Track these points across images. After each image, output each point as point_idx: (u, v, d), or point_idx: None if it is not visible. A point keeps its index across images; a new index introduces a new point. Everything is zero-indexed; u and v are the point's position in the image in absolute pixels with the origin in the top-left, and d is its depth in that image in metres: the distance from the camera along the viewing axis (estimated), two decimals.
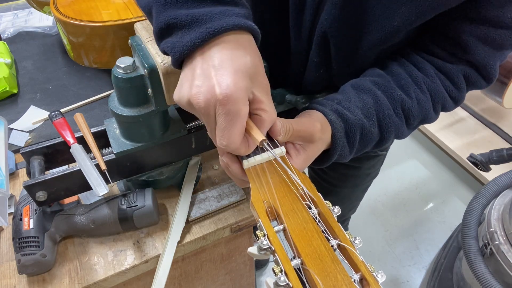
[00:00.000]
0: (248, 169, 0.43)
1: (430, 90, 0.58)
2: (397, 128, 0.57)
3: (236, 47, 0.40)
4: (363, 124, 0.53)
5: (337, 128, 0.51)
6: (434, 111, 0.59)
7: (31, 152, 0.59)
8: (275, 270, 0.33)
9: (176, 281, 0.74)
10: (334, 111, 0.52)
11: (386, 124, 0.55)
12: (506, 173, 1.06)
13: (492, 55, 0.56)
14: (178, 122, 0.63)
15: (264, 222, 0.36)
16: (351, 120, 0.52)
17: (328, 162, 0.53)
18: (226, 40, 0.40)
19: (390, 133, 0.56)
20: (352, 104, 0.54)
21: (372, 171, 0.95)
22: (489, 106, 2.05)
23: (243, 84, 0.38)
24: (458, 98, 0.61)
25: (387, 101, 0.55)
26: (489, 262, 1.00)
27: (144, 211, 0.61)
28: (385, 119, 0.55)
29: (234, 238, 0.74)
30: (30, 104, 0.88)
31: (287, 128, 0.45)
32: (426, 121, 0.61)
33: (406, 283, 1.59)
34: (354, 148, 0.54)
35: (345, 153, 0.53)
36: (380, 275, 0.32)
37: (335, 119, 0.51)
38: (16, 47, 1.04)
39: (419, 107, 0.57)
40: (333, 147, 0.51)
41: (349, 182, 0.96)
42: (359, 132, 0.53)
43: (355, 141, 0.53)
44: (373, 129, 0.54)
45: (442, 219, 1.82)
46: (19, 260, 0.56)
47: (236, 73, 0.38)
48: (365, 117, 0.54)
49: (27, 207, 0.60)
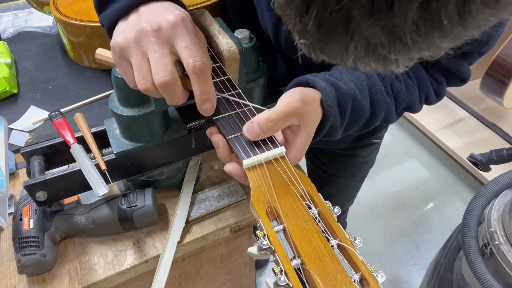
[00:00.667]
0: (248, 169, 0.43)
1: (416, 77, 0.59)
2: (388, 107, 0.57)
3: (164, 3, 0.46)
4: (356, 95, 0.53)
5: (328, 96, 0.50)
6: (419, 100, 0.60)
7: (31, 152, 0.59)
8: (275, 270, 0.33)
9: (176, 281, 0.74)
10: (326, 80, 0.52)
11: (378, 100, 0.55)
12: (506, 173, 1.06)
13: (459, 63, 0.59)
14: (178, 122, 0.63)
15: (264, 222, 0.36)
16: (343, 89, 0.52)
17: (320, 134, 0.52)
18: (150, 2, 0.46)
19: (381, 110, 0.56)
20: (345, 76, 0.54)
21: (369, 159, 0.95)
22: (489, 106, 2.05)
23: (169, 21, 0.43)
24: (439, 91, 0.62)
25: (378, 79, 0.56)
26: (489, 262, 1.00)
27: (144, 211, 0.61)
28: (377, 94, 0.55)
29: (234, 238, 0.74)
30: (30, 104, 0.88)
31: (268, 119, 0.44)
32: (411, 108, 0.61)
33: (406, 283, 1.59)
34: (345, 120, 0.53)
35: (336, 124, 0.52)
36: (380, 275, 0.32)
37: (326, 86, 0.50)
38: (16, 47, 1.04)
39: (407, 91, 0.58)
40: (325, 115, 0.50)
41: (347, 171, 0.97)
42: (351, 103, 0.53)
43: (347, 112, 0.53)
44: (365, 102, 0.54)
45: (442, 219, 1.82)
46: (19, 260, 0.56)
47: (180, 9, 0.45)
48: (358, 89, 0.54)
49: (27, 207, 0.60)
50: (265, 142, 0.44)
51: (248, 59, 0.58)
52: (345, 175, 0.99)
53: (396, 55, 0.30)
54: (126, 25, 0.45)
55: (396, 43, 0.28)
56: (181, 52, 0.43)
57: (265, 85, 0.65)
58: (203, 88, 0.44)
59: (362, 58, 0.31)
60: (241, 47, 0.55)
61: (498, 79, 1.60)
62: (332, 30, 0.28)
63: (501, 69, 1.57)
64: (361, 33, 0.28)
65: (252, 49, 0.58)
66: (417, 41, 0.28)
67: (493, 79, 1.62)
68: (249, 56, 0.58)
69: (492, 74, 1.61)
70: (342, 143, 0.85)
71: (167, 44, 0.43)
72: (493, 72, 1.60)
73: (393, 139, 2.18)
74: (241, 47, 0.55)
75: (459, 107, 2.09)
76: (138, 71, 0.44)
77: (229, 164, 0.45)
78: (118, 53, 0.44)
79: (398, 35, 0.27)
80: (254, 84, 0.63)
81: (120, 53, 0.44)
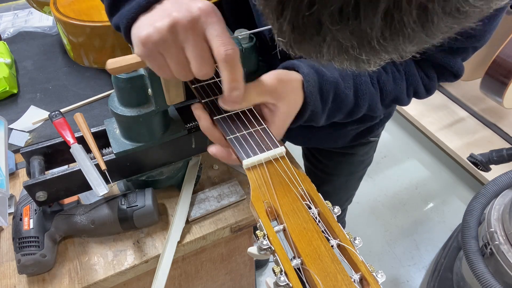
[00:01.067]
0: (248, 169, 0.43)
1: (405, 71, 0.59)
2: (372, 98, 0.57)
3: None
4: (338, 83, 0.54)
5: (310, 81, 0.51)
6: (407, 93, 0.61)
7: (31, 152, 0.59)
8: (275, 270, 0.33)
9: (176, 281, 0.74)
10: (310, 66, 0.53)
11: (362, 91, 0.56)
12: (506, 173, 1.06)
13: (452, 59, 0.59)
14: (178, 122, 0.63)
15: (264, 222, 0.36)
16: (326, 76, 0.53)
17: (302, 119, 0.53)
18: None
19: (365, 101, 0.57)
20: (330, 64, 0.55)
21: (366, 157, 0.96)
22: (489, 106, 2.05)
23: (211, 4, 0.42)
24: (429, 87, 0.62)
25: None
26: (489, 262, 1.00)
27: (144, 211, 0.61)
28: (362, 85, 0.56)
29: (234, 238, 0.74)
30: (30, 104, 0.88)
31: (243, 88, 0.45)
32: (398, 101, 0.61)
33: (406, 283, 1.59)
34: (326, 107, 0.54)
35: (317, 110, 0.53)
36: (380, 275, 0.32)
37: (309, 72, 0.52)
38: (16, 47, 1.04)
39: (394, 83, 0.58)
40: (306, 100, 0.51)
41: (344, 170, 0.98)
42: (333, 91, 0.54)
43: (328, 99, 0.54)
44: (348, 92, 0.55)
45: (442, 219, 1.82)
46: (19, 260, 0.56)
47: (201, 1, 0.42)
48: (342, 78, 0.55)
49: (27, 207, 0.60)
50: (265, 142, 0.45)
51: (248, 59, 0.58)
52: (343, 174, 0.99)
53: (366, 56, 0.32)
54: (151, 17, 0.42)
55: (365, 45, 0.30)
56: (213, 40, 0.42)
57: None
58: (234, 76, 0.43)
59: (336, 57, 0.32)
60: (241, 47, 0.55)
61: (498, 79, 1.60)
62: (305, 32, 0.30)
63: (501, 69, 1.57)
64: (333, 36, 0.30)
65: (252, 49, 0.58)
66: (383, 45, 0.30)
67: (493, 79, 1.62)
68: (249, 56, 0.58)
69: (492, 74, 1.61)
70: (340, 142, 0.85)
71: (202, 34, 0.42)
72: (493, 72, 1.60)
73: (393, 139, 2.18)
74: (241, 47, 0.56)
75: (459, 107, 2.09)
76: (178, 64, 0.42)
77: (212, 146, 0.47)
78: (151, 47, 0.41)
79: (366, 39, 0.29)
80: None
81: (154, 47, 0.41)
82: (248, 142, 0.44)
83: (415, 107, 2.09)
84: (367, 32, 0.28)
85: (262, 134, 0.45)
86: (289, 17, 0.29)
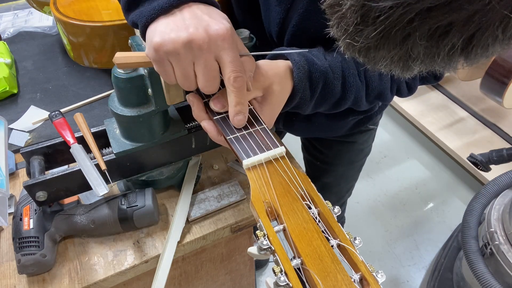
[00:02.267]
0: (248, 169, 0.43)
1: None
2: (358, 91, 0.59)
3: (206, 7, 0.45)
4: (328, 72, 0.55)
5: (300, 69, 0.52)
6: (390, 90, 0.62)
7: (31, 152, 0.59)
8: (275, 270, 0.33)
9: (176, 281, 0.74)
10: (302, 54, 0.54)
11: (350, 83, 0.57)
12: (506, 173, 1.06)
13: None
14: (178, 122, 0.63)
15: (264, 222, 0.36)
16: (317, 65, 0.54)
17: (289, 105, 0.54)
18: (192, 4, 0.45)
19: (351, 93, 0.58)
20: (321, 55, 0.56)
21: (365, 146, 0.97)
22: (489, 106, 2.05)
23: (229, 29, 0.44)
24: (411, 85, 0.64)
25: (353, 63, 0.57)
26: (489, 262, 1.00)
27: (144, 211, 0.61)
28: (349, 77, 0.57)
29: (234, 238, 0.74)
30: (30, 104, 0.88)
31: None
32: (382, 97, 0.63)
33: (406, 283, 1.59)
34: (315, 96, 0.55)
35: (306, 97, 0.54)
36: (380, 275, 0.33)
37: (300, 60, 0.53)
38: (16, 47, 1.04)
39: (379, 79, 0.60)
40: (295, 87, 0.52)
41: (344, 159, 0.99)
42: (322, 80, 0.55)
43: (317, 87, 0.55)
44: (336, 82, 0.56)
45: (442, 219, 1.82)
46: (19, 260, 0.56)
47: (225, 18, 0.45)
48: (331, 68, 0.56)
49: (27, 207, 0.60)
50: (265, 142, 0.45)
51: None
52: (343, 163, 1.00)
53: (417, 67, 0.33)
54: (169, 25, 0.43)
55: (428, 60, 0.32)
56: (225, 65, 0.44)
57: None
58: (239, 100, 0.45)
59: (394, 65, 0.34)
60: None
61: (498, 79, 1.60)
62: (391, 41, 0.32)
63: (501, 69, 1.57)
64: (413, 49, 0.31)
65: (252, 49, 0.58)
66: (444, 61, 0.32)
67: (493, 79, 1.62)
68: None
69: (492, 74, 1.61)
70: (340, 131, 0.86)
71: (213, 56, 0.43)
72: (493, 72, 1.60)
73: (393, 139, 2.18)
74: None
75: (459, 107, 2.09)
76: (184, 76, 0.45)
77: (205, 121, 0.48)
78: (162, 55, 0.43)
79: (434, 55, 0.31)
80: None
81: (165, 55, 0.43)
82: (248, 142, 0.44)
83: (415, 107, 2.09)
84: (440, 51, 0.31)
85: (262, 134, 0.45)
86: (384, 26, 0.30)
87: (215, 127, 0.47)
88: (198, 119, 0.50)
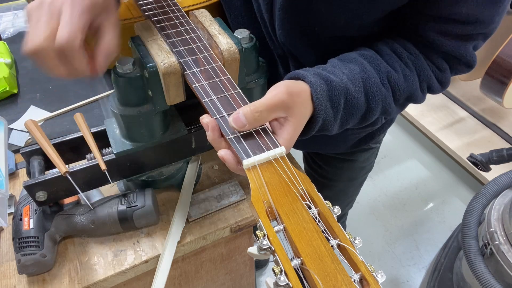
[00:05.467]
0: (248, 169, 0.43)
1: (416, 66, 0.57)
2: (384, 99, 0.55)
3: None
4: (348, 87, 0.52)
5: (318, 90, 0.49)
6: (420, 90, 0.59)
7: (31, 152, 0.59)
8: (275, 270, 0.33)
9: (176, 281, 0.74)
10: (317, 74, 0.51)
11: (373, 92, 0.54)
12: (506, 173, 1.06)
13: (462, 46, 0.56)
14: (178, 122, 0.63)
15: (264, 222, 0.36)
16: (334, 82, 0.51)
17: (313, 129, 0.51)
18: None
19: (377, 103, 0.55)
20: (338, 70, 0.53)
21: (367, 164, 0.94)
22: (489, 106, 2.05)
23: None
24: (442, 80, 0.60)
25: (373, 70, 0.55)
26: (489, 262, 1.00)
27: (144, 211, 0.61)
28: (372, 87, 0.54)
29: (234, 238, 0.74)
30: (30, 104, 0.88)
31: (254, 110, 0.44)
32: (413, 99, 0.60)
33: (406, 283, 1.59)
34: (338, 114, 0.52)
35: (329, 118, 0.51)
36: (380, 275, 0.32)
37: (316, 81, 0.50)
38: (16, 47, 1.04)
39: (405, 81, 0.56)
40: (316, 110, 0.49)
41: (345, 175, 0.97)
42: (343, 96, 0.52)
43: (339, 105, 0.52)
44: (358, 95, 0.53)
45: (442, 219, 1.82)
46: (19, 260, 0.56)
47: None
48: (350, 82, 0.53)
49: (27, 207, 0.60)
50: (265, 142, 0.44)
51: (248, 59, 0.58)
52: (343, 180, 0.98)
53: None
54: None
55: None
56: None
57: (265, 85, 0.65)
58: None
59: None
60: (241, 47, 0.55)
61: (498, 79, 1.60)
62: None
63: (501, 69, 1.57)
64: None
65: (252, 49, 0.58)
66: None
67: (493, 79, 1.61)
68: (249, 56, 0.58)
69: (492, 74, 1.61)
70: (340, 148, 0.84)
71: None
72: (493, 72, 1.60)
73: (393, 139, 2.18)
74: (241, 47, 0.56)
75: (459, 107, 2.09)
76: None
77: (223, 150, 0.45)
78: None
79: None
80: (254, 84, 0.63)
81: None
82: (248, 142, 0.44)
83: (415, 107, 2.09)
84: None
85: (262, 134, 0.45)
86: None
87: (234, 157, 0.44)
88: (213, 144, 0.47)
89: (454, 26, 0.53)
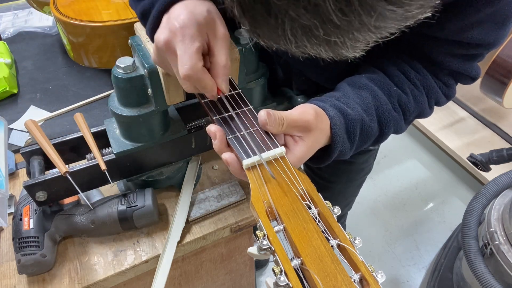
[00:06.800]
0: (248, 169, 0.43)
1: (424, 86, 0.59)
2: (396, 123, 0.57)
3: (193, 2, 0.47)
4: (363, 119, 0.53)
5: (337, 124, 0.50)
6: (429, 106, 0.60)
7: (31, 152, 0.59)
8: (275, 270, 0.33)
9: (176, 281, 0.74)
10: (334, 106, 0.52)
11: (386, 119, 0.55)
12: (506, 173, 1.06)
13: (468, 64, 0.58)
14: (178, 122, 0.63)
15: (264, 222, 0.36)
16: (351, 116, 0.52)
17: (329, 159, 0.53)
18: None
19: (389, 128, 0.56)
20: (351, 100, 0.54)
21: (366, 166, 0.95)
22: (489, 106, 2.05)
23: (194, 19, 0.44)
24: (448, 94, 0.62)
25: (384, 97, 0.56)
26: (489, 262, 1.00)
27: (144, 211, 0.61)
28: (384, 114, 0.55)
29: (234, 238, 0.74)
30: (30, 104, 0.88)
31: (278, 118, 0.44)
32: (422, 116, 0.61)
33: (406, 283, 1.59)
34: (354, 144, 0.54)
35: (345, 150, 0.53)
36: (380, 275, 0.33)
37: (335, 114, 0.51)
38: (16, 47, 1.04)
39: (415, 102, 0.58)
40: (334, 143, 0.51)
41: (343, 177, 0.97)
42: (359, 128, 0.53)
43: (355, 136, 0.53)
44: (372, 124, 0.54)
45: (442, 219, 1.82)
46: (19, 260, 0.56)
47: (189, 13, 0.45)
48: (365, 112, 0.54)
49: (27, 207, 0.60)
50: (265, 142, 0.44)
51: (248, 59, 0.58)
52: (341, 181, 0.98)
53: (336, 37, 0.30)
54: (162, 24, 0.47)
55: (327, 23, 0.29)
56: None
57: (265, 85, 0.65)
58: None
59: (303, 42, 0.31)
60: (241, 47, 0.55)
61: (498, 79, 1.60)
62: (255, 14, 0.30)
63: (501, 69, 1.57)
64: (287, 15, 0.29)
65: (252, 49, 0.58)
66: (345, 20, 0.28)
67: (493, 79, 1.61)
68: (249, 56, 0.58)
69: (492, 74, 1.60)
70: None
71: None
72: (493, 72, 1.60)
73: (393, 139, 2.18)
74: (241, 47, 0.56)
75: (459, 107, 2.09)
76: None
77: (227, 153, 0.45)
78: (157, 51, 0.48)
79: (325, 15, 0.28)
80: (254, 84, 0.63)
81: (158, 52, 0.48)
82: (248, 142, 0.44)
83: None
84: (321, 6, 0.27)
85: (262, 134, 0.45)
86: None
87: (237, 161, 0.44)
88: (219, 152, 0.47)
89: (462, 48, 0.55)
